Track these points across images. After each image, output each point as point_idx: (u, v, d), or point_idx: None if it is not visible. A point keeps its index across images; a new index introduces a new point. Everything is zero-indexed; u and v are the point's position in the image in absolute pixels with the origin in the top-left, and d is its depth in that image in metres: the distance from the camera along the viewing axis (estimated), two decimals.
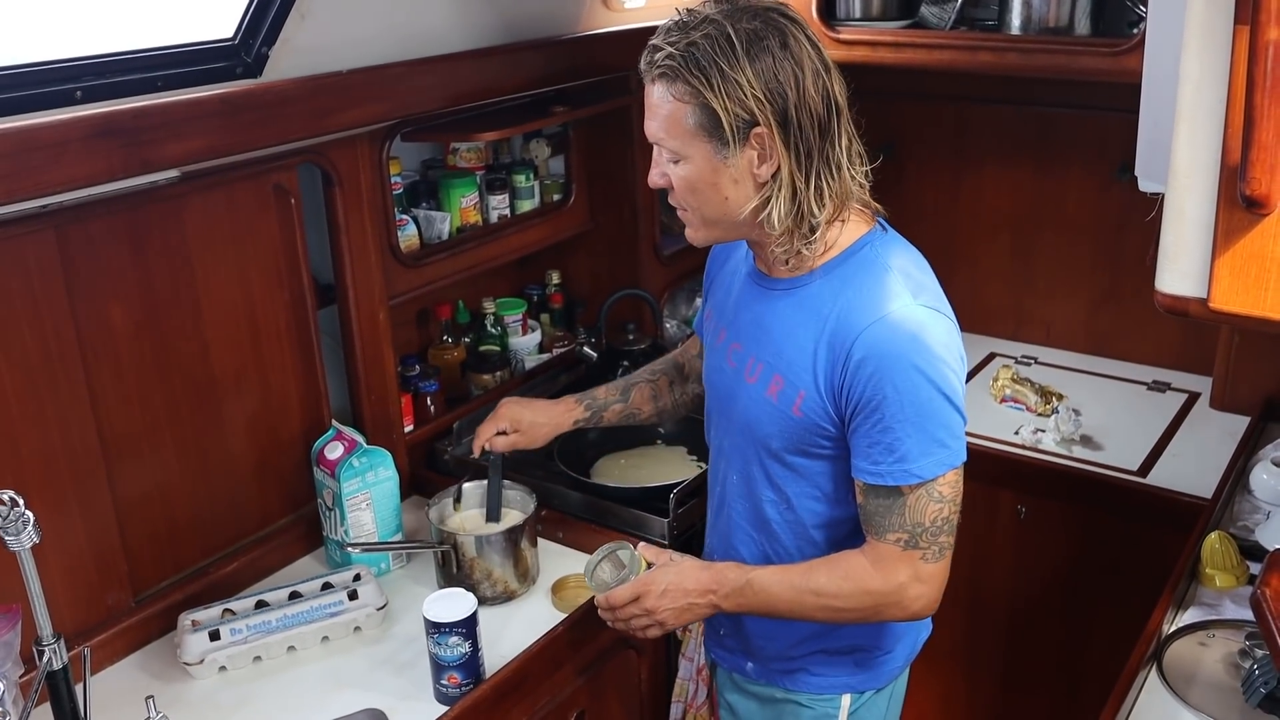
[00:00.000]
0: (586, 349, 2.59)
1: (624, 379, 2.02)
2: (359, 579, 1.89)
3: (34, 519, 1.35)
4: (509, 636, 1.82)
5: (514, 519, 1.95)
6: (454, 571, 1.90)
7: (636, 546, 1.64)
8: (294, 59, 1.82)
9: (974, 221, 2.90)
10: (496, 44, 2.21)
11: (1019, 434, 2.49)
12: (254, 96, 1.75)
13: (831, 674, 1.65)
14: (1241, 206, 1.15)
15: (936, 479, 1.43)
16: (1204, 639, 1.75)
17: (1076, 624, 2.44)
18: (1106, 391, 2.70)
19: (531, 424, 1.93)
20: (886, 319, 1.42)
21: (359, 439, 2.00)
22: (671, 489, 2.05)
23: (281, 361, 2.01)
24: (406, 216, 2.29)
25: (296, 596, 1.86)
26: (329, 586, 1.89)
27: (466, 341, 2.53)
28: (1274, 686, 1.49)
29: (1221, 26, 1.16)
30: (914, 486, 1.43)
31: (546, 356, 2.66)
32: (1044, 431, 2.48)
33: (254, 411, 1.98)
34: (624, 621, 1.60)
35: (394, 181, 2.21)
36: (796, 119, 1.39)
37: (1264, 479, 2.13)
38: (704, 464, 2.18)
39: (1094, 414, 2.54)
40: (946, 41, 2.50)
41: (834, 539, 1.57)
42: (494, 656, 1.74)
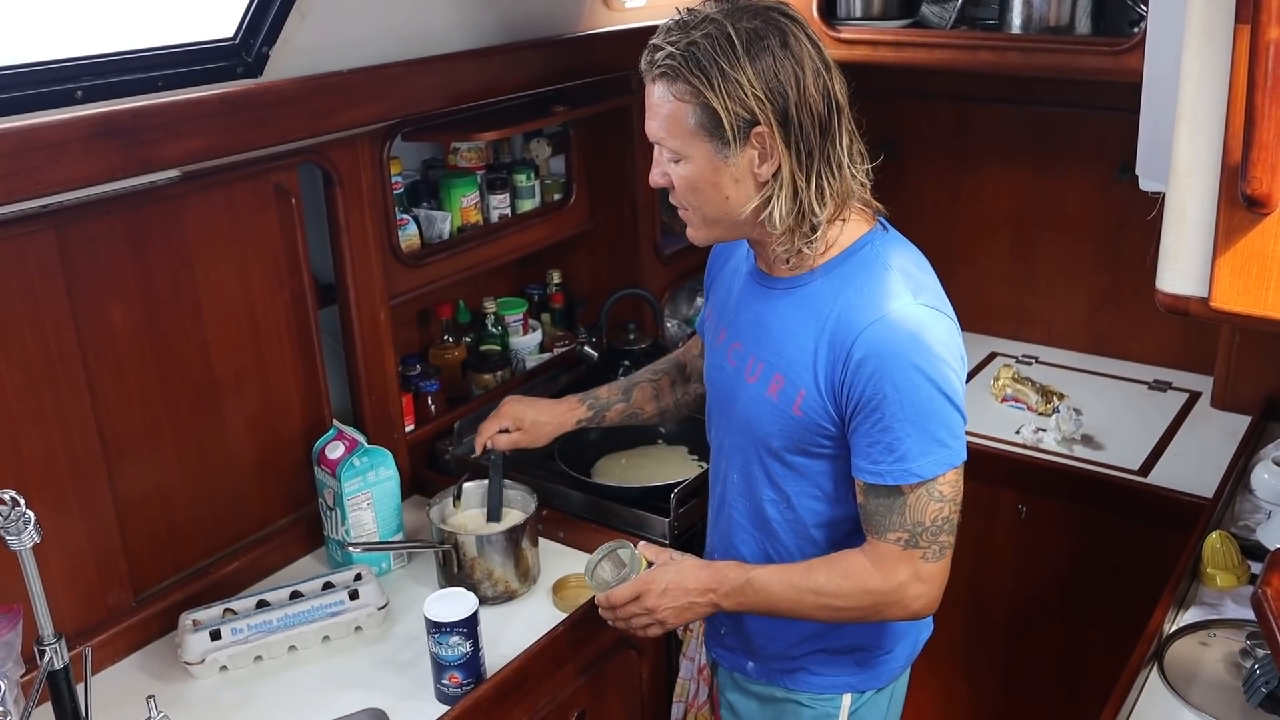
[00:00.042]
0: (587, 348, 2.59)
1: (626, 379, 2.02)
2: (360, 579, 1.89)
3: (35, 519, 1.35)
4: (510, 636, 1.82)
5: (515, 519, 1.95)
6: (455, 571, 1.90)
7: (637, 545, 1.64)
8: (294, 59, 1.82)
9: (974, 221, 2.90)
10: (496, 44, 2.21)
11: (1020, 433, 2.49)
12: (254, 96, 1.75)
13: (832, 673, 1.65)
14: (1242, 206, 1.15)
15: (936, 478, 1.43)
16: (1205, 639, 1.75)
17: (1077, 624, 2.44)
18: (1107, 391, 2.70)
19: (534, 423, 1.93)
20: (887, 318, 1.42)
21: (360, 439, 2.00)
22: (672, 489, 2.05)
23: (282, 361, 2.01)
24: (407, 216, 2.29)
25: (297, 596, 1.86)
26: (330, 586, 1.89)
27: (467, 341, 2.53)
28: (1275, 686, 1.49)
29: (1222, 26, 1.16)
30: (914, 486, 1.43)
31: (547, 356, 2.66)
32: (1045, 431, 2.48)
33: (255, 411, 1.98)
34: (624, 620, 1.60)
35: (394, 181, 2.21)
36: (797, 118, 1.39)
37: (1265, 478, 2.13)
38: (705, 464, 2.18)
39: (1095, 413, 2.54)
40: (947, 41, 2.50)
41: (834, 538, 1.57)
42: (495, 656, 1.74)
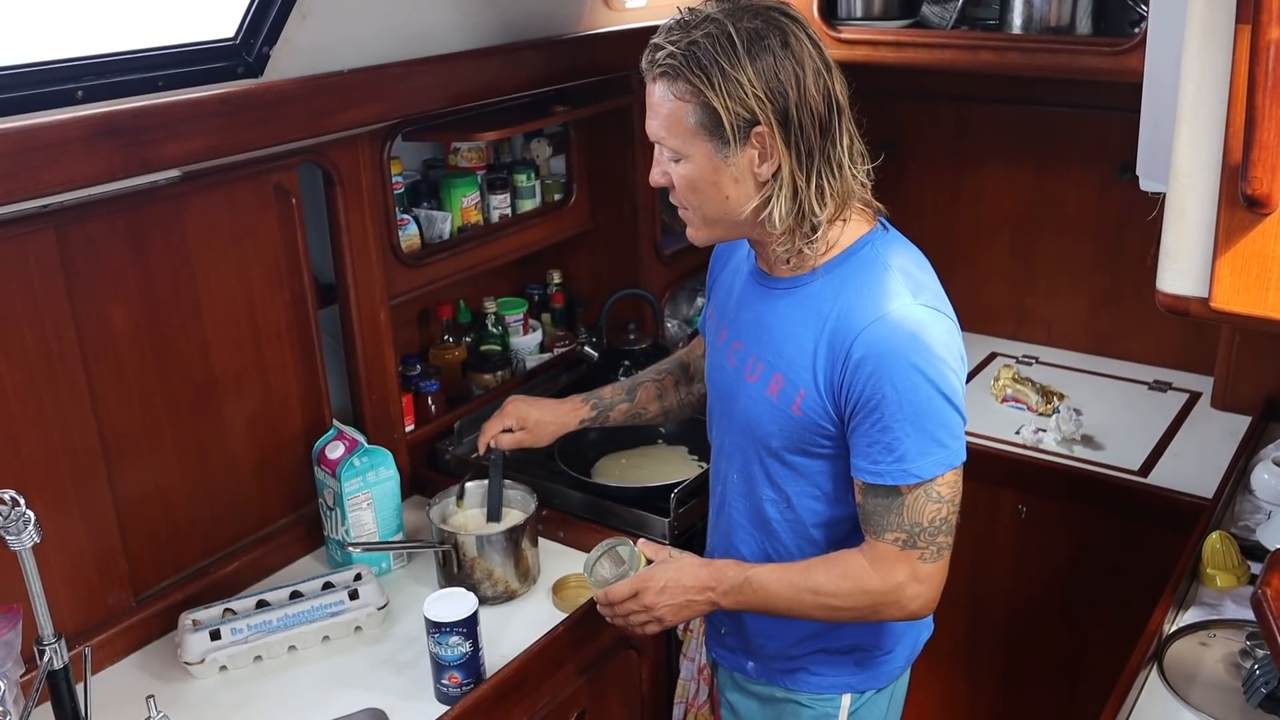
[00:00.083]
0: (587, 349, 2.59)
1: (630, 379, 2.02)
2: (360, 579, 1.89)
3: (35, 519, 1.35)
4: (509, 636, 1.82)
5: (515, 519, 1.95)
6: (455, 571, 1.90)
7: (636, 543, 1.64)
8: (295, 59, 1.82)
9: (975, 221, 2.90)
10: (496, 44, 2.21)
11: (1020, 434, 2.49)
12: (254, 96, 1.75)
13: (832, 674, 1.65)
14: (1242, 206, 1.15)
15: (935, 479, 1.43)
16: (1205, 639, 1.75)
17: (1077, 624, 2.44)
18: (1107, 391, 2.70)
19: (538, 422, 1.93)
20: (886, 318, 1.42)
21: (360, 439, 2.00)
22: (672, 489, 2.04)
23: (282, 361, 2.01)
24: (407, 216, 2.29)
25: (297, 596, 1.86)
26: (330, 586, 1.89)
27: (467, 341, 2.53)
28: (1275, 686, 1.49)
29: (1223, 26, 1.16)
30: (912, 486, 1.43)
31: (547, 356, 2.66)
32: (1045, 431, 2.48)
33: (255, 411, 1.98)
34: (622, 617, 1.60)
35: (395, 181, 2.21)
36: (797, 118, 1.39)
37: (1265, 479, 2.13)
38: (705, 464, 2.18)
39: (1095, 414, 2.54)
40: (948, 41, 2.50)
41: (833, 538, 1.57)
42: (495, 656, 1.74)
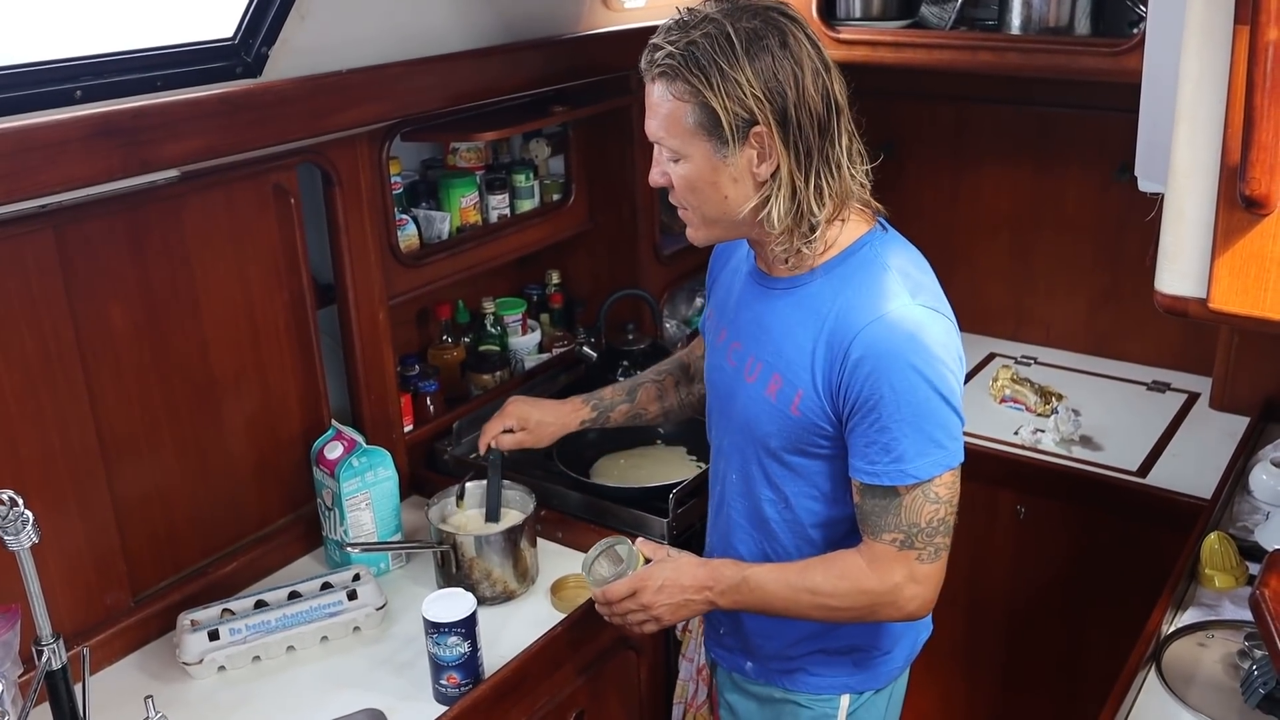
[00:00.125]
0: (586, 349, 2.59)
1: (631, 379, 2.02)
2: (358, 579, 1.89)
3: (33, 519, 1.35)
4: (508, 636, 1.82)
5: (513, 519, 1.95)
6: (453, 571, 1.90)
7: (634, 542, 1.64)
8: (294, 59, 1.82)
9: (973, 221, 2.90)
10: (496, 44, 2.21)
11: (1018, 434, 2.49)
12: (254, 96, 1.75)
13: (830, 674, 1.65)
14: (1241, 207, 1.15)
15: (933, 480, 1.43)
16: (1203, 639, 1.75)
17: (1076, 624, 2.44)
18: (1106, 392, 2.70)
19: (539, 423, 1.93)
20: (884, 318, 1.42)
21: (358, 439, 2.00)
22: (671, 489, 2.04)
23: (281, 361, 2.01)
24: (406, 216, 2.29)
25: (296, 596, 1.86)
26: (328, 586, 1.89)
27: (466, 341, 2.53)
28: (1273, 687, 1.49)
29: (1221, 26, 1.15)
30: (910, 487, 1.43)
31: (546, 356, 2.66)
32: (1043, 431, 2.48)
33: (253, 411, 1.98)
34: (620, 616, 1.60)
35: (394, 181, 2.21)
36: (796, 118, 1.39)
37: (1263, 479, 2.13)
38: (703, 464, 2.18)
39: (1093, 414, 2.54)
40: (946, 41, 2.50)
41: (832, 538, 1.57)
42: (493, 656, 1.74)
